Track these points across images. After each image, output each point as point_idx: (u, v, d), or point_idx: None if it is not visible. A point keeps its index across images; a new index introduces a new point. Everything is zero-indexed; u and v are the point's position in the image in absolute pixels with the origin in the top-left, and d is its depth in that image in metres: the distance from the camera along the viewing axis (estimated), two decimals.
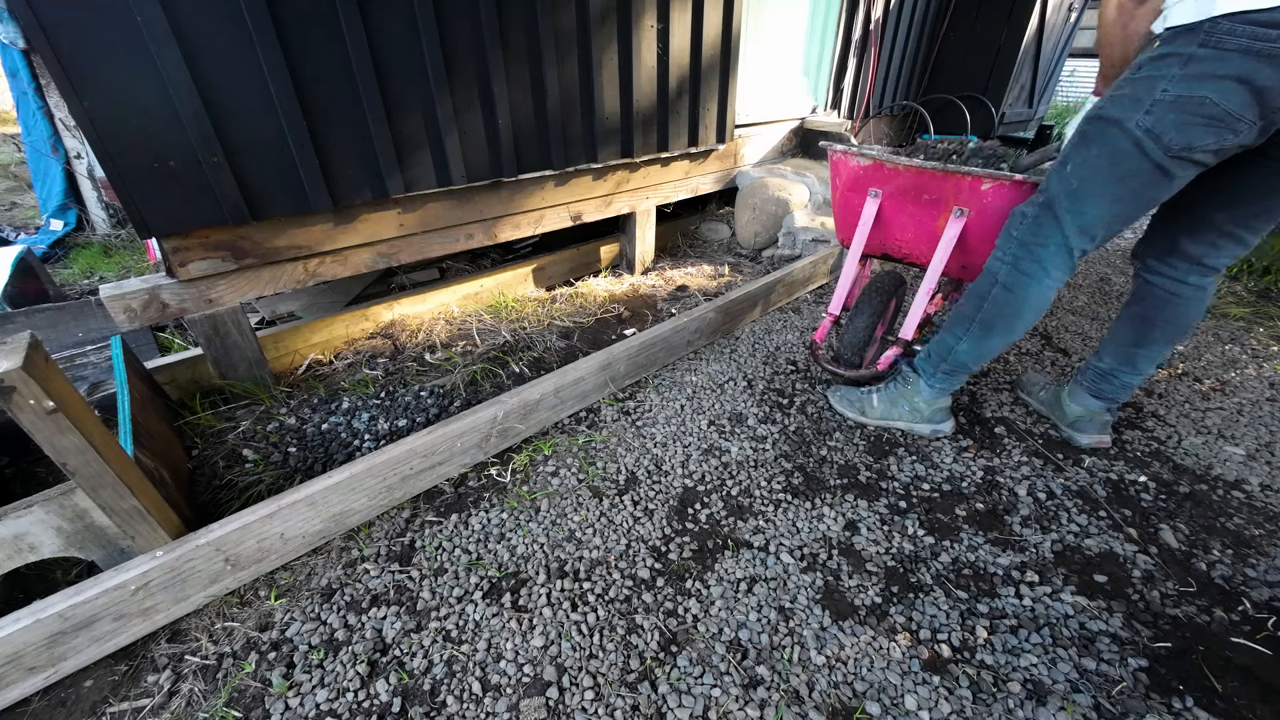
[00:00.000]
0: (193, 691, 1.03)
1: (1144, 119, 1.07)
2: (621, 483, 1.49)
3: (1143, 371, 1.49)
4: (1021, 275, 1.29)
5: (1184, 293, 1.36)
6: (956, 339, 1.43)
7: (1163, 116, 1.05)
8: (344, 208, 1.75)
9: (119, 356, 1.40)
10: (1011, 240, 1.31)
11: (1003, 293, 1.32)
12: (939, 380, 1.49)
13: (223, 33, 1.39)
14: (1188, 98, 1.02)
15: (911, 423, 1.56)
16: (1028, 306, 1.31)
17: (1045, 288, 1.28)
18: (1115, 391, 1.53)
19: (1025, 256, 1.28)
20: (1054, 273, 1.27)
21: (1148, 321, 1.42)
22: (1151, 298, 1.41)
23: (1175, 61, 1.02)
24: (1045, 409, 1.71)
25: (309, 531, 1.26)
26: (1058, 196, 1.22)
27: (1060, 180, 1.22)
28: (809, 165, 3.25)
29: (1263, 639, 1.09)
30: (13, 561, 1.06)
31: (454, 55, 1.77)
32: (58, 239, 3.28)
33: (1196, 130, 1.03)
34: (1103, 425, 1.57)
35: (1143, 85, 1.07)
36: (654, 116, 2.42)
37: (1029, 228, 1.28)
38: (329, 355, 2.02)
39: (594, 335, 2.20)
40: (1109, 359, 1.52)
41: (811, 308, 2.46)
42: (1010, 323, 1.34)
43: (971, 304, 1.40)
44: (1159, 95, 1.05)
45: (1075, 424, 1.59)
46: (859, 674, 1.04)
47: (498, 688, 1.03)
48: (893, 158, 1.57)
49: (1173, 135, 1.05)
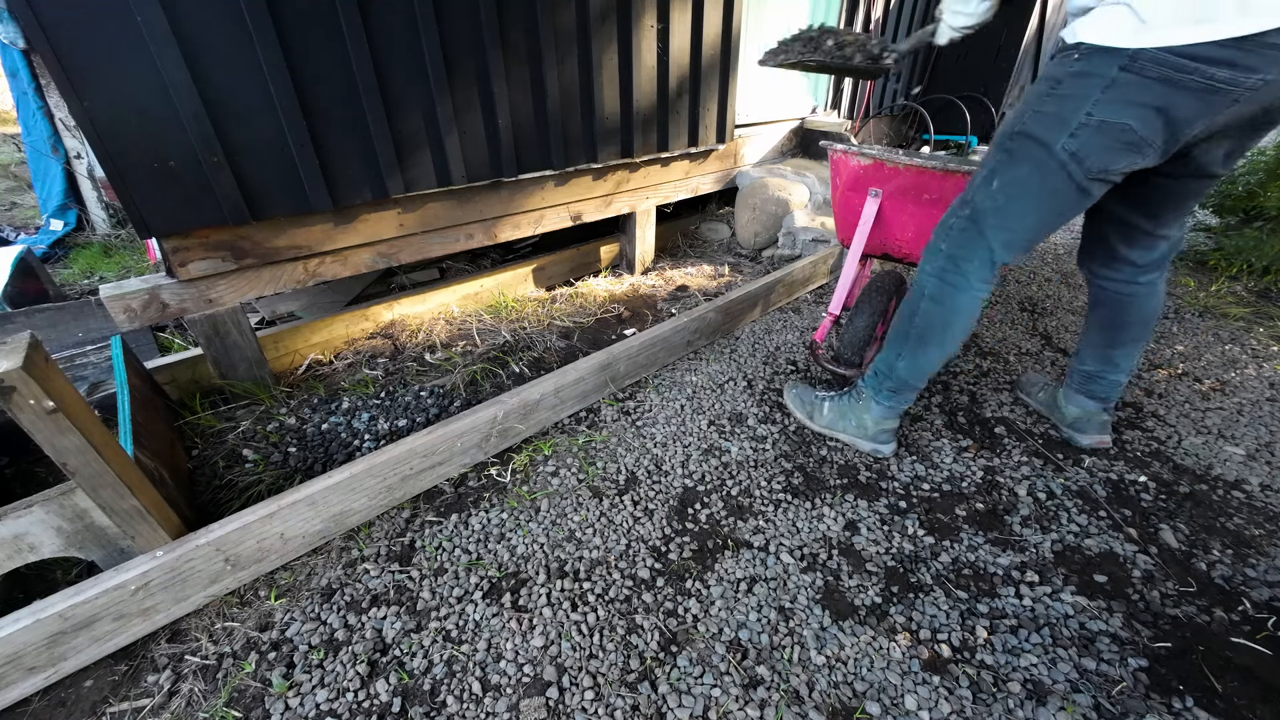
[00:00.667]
0: (193, 691, 1.03)
1: (1070, 142, 1.09)
2: (621, 483, 1.49)
3: (1125, 369, 1.52)
4: (948, 287, 1.31)
5: (1138, 292, 1.41)
6: (896, 355, 1.44)
7: (1088, 140, 1.07)
8: (344, 208, 1.75)
9: (119, 356, 1.40)
10: (939, 254, 1.33)
11: (931, 305, 1.34)
12: (885, 398, 1.50)
13: (223, 33, 1.39)
14: (1111, 124, 1.04)
15: (855, 437, 1.57)
16: (957, 316, 1.33)
17: (971, 298, 1.30)
18: (1105, 391, 1.55)
19: (951, 269, 1.31)
20: (977, 284, 1.29)
21: (1113, 324, 1.47)
22: (1110, 301, 1.46)
23: (1097, 84, 1.03)
24: (1045, 410, 1.73)
25: (309, 531, 1.26)
26: (984, 212, 1.24)
27: (987, 196, 1.23)
28: (809, 165, 3.25)
29: (1263, 639, 1.09)
30: (13, 561, 1.06)
31: (454, 55, 1.77)
32: (58, 239, 3.28)
33: (1114, 154, 1.07)
34: (1102, 425, 1.58)
35: (1068, 105, 1.07)
36: (654, 116, 2.42)
37: (955, 241, 1.30)
38: (329, 355, 2.02)
39: (594, 335, 2.20)
40: (1090, 362, 1.55)
41: (811, 308, 2.46)
42: (942, 334, 1.36)
43: (904, 320, 1.42)
44: (1083, 119, 1.06)
45: (1074, 424, 1.61)
46: (859, 674, 1.04)
47: (498, 688, 1.03)
48: (893, 157, 1.57)
49: (1094, 159, 1.08)
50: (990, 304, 2.46)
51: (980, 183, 1.25)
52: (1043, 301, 2.49)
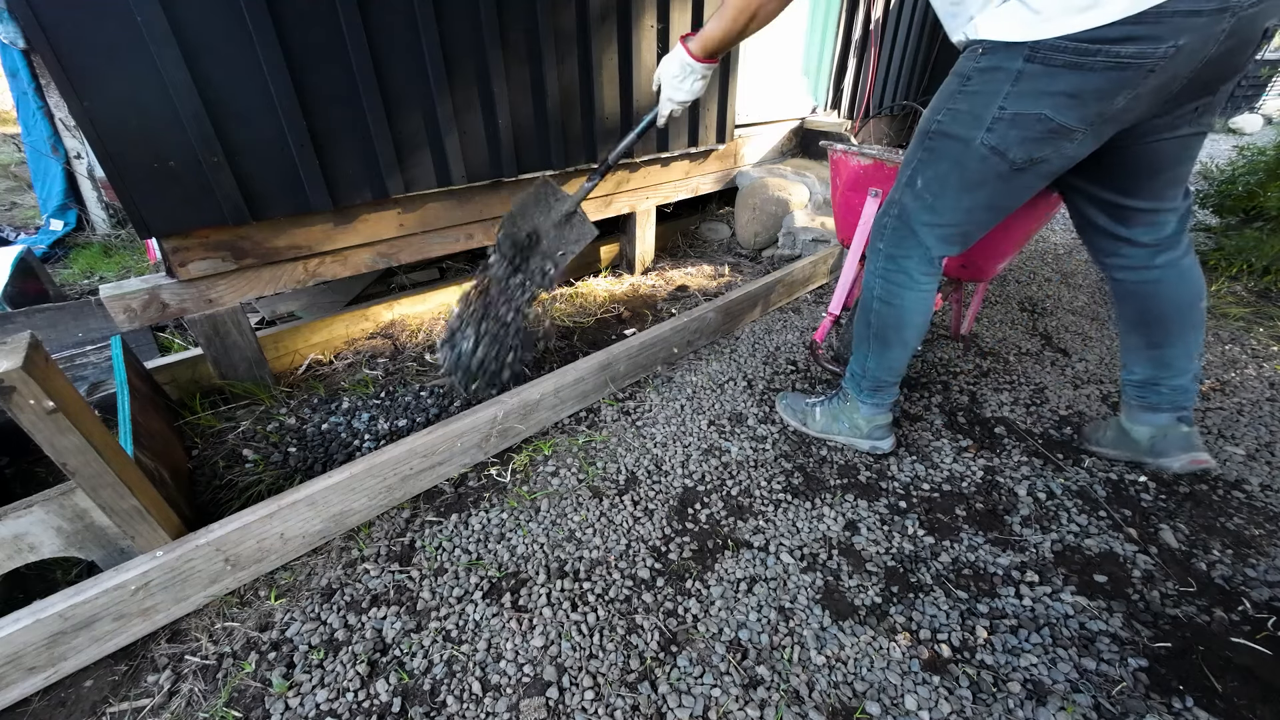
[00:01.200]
0: (193, 691, 1.03)
1: (987, 136, 1.09)
2: (621, 483, 1.49)
3: (1182, 369, 1.32)
4: (894, 286, 1.32)
5: (1160, 277, 1.28)
6: (864, 356, 1.45)
7: (1005, 133, 1.07)
8: (344, 208, 1.75)
9: (119, 356, 1.40)
10: (879, 254, 1.34)
11: (882, 307, 1.35)
12: (869, 397, 1.50)
13: (223, 32, 1.39)
14: (1025, 115, 1.03)
15: (851, 438, 1.56)
16: (909, 313, 1.33)
17: (918, 294, 1.31)
18: (1171, 398, 1.35)
19: (892, 269, 1.31)
20: (921, 280, 1.29)
21: (1146, 319, 1.33)
22: (1132, 294, 1.33)
23: (1005, 77, 1.03)
24: (1119, 450, 1.48)
25: (309, 531, 1.26)
26: (912, 210, 1.25)
27: (913, 195, 1.24)
28: (809, 165, 3.25)
29: (1263, 639, 1.09)
30: (13, 561, 1.06)
31: (454, 55, 1.77)
32: (58, 239, 3.28)
33: (1037, 144, 1.06)
34: (1185, 440, 1.34)
35: (979, 101, 1.08)
36: None
37: (890, 240, 1.31)
38: (329, 355, 2.02)
39: (594, 335, 2.20)
40: (1138, 369, 1.38)
41: (811, 308, 2.46)
42: (900, 332, 1.36)
43: (861, 323, 1.43)
44: (997, 113, 1.06)
45: (1154, 449, 1.38)
46: (859, 674, 1.04)
47: (498, 688, 1.03)
48: (893, 157, 1.57)
49: (1017, 150, 1.08)
50: (990, 304, 2.46)
51: (905, 182, 1.26)
52: (1043, 301, 2.49)
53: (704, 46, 1.37)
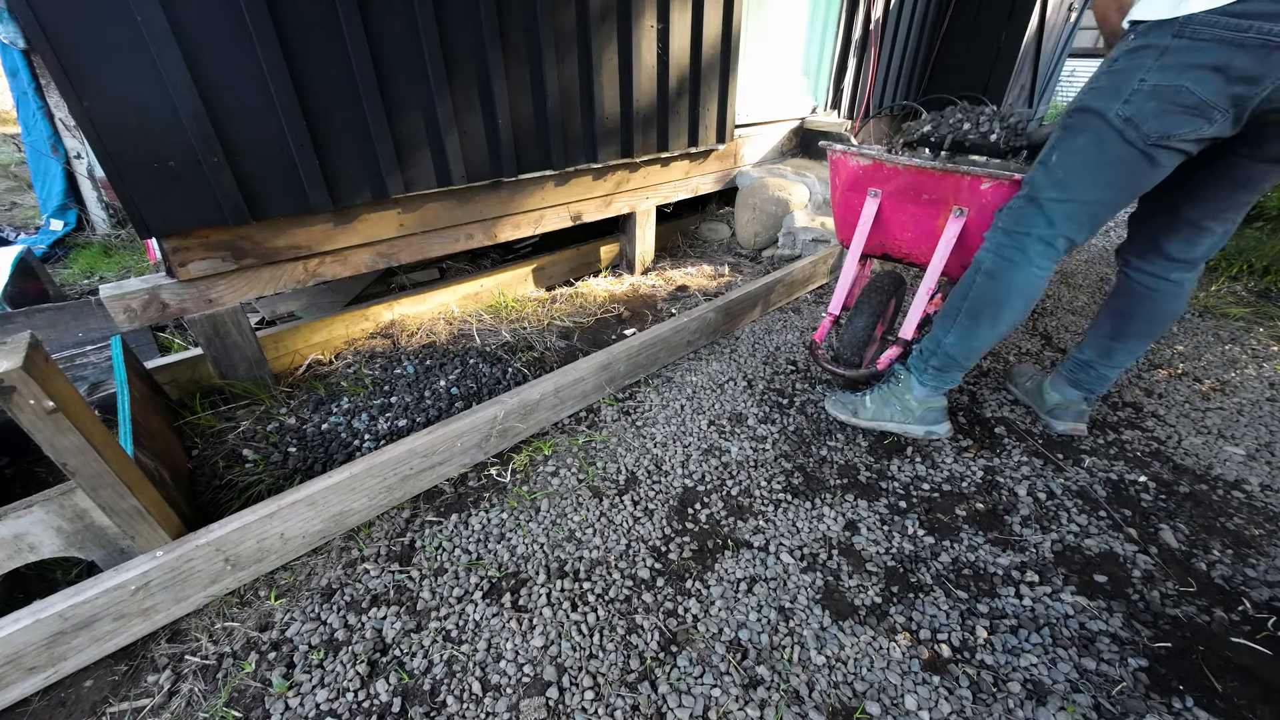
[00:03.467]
0: (193, 691, 1.03)
1: (1123, 108, 1.09)
2: (621, 483, 1.49)
3: (1119, 365, 1.54)
4: (1004, 261, 1.31)
5: (1163, 288, 1.40)
6: (945, 331, 1.43)
7: (1142, 105, 1.07)
8: (344, 208, 1.75)
9: (119, 356, 1.40)
10: (997, 230, 1.34)
11: (986, 280, 1.33)
12: (930, 376, 1.48)
13: (223, 33, 1.39)
14: (1165, 86, 1.04)
15: (904, 423, 1.54)
16: (1012, 293, 1.31)
17: (1029, 275, 1.29)
18: (1092, 382, 1.58)
19: (1008, 244, 1.30)
20: (1037, 260, 1.28)
21: (1125, 316, 1.47)
22: (1132, 293, 1.45)
23: (1151, 53, 1.05)
24: (1028, 398, 1.76)
25: (309, 531, 1.26)
26: (1042, 186, 1.25)
27: (1045, 172, 1.25)
28: (809, 165, 3.25)
29: (1263, 639, 1.09)
30: (13, 561, 1.06)
31: (454, 55, 1.77)
32: (58, 239, 3.28)
33: (1174, 118, 1.06)
34: (1078, 414, 1.62)
35: (1121, 77, 1.10)
36: (654, 116, 2.42)
37: (1012, 217, 1.30)
38: (329, 355, 2.02)
39: (594, 335, 2.20)
40: (1088, 350, 1.57)
41: (811, 308, 2.46)
42: (996, 311, 1.34)
43: (958, 295, 1.41)
44: (1137, 85, 1.07)
45: (1053, 411, 1.65)
46: (859, 674, 1.04)
47: (498, 688, 1.03)
48: (892, 157, 1.57)
49: (1152, 123, 1.08)
50: None
51: (1040, 160, 1.26)
52: (1043, 301, 2.49)
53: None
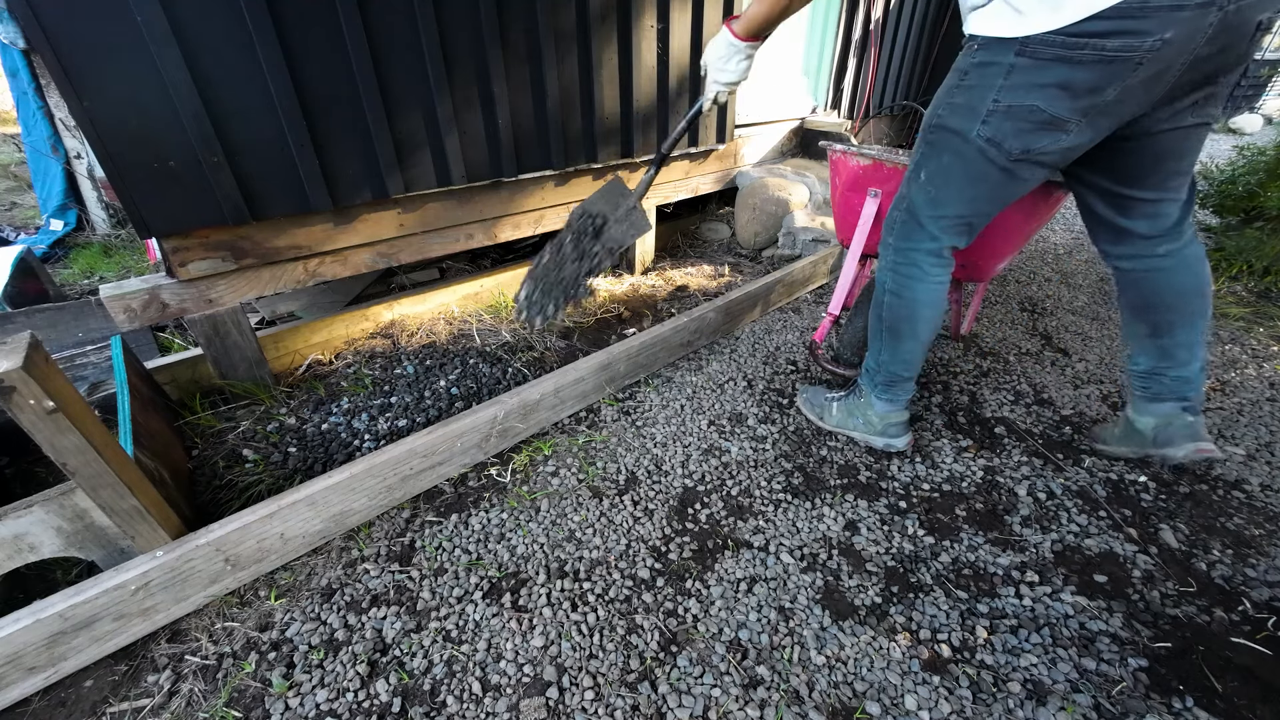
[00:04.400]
0: (193, 691, 1.03)
1: (983, 129, 1.12)
2: (621, 483, 1.49)
3: (1183, 361, 1.31)
4: (904, 279, 1.34)
5: (1160, 266, 1.28)
6: (877, 350, 1.47)
7: (1000, 125, 1.10)
8: (344, 207, 1.75)
9: (119, 356, 1.40)
10: (889, 248, 1.37)
11: (893, 299, 1.37)
12: (882, 393, 1.50)
13: (223, 32, 1.39)
14: (1018, 106, 1.06)
15: (866, 434, 1.57)
16: (920, 306, 1.34)
17: (930, 287, 1.32)
18: (1177, 389, 1.33)
19: (902, 261, 1.33)
20: (932, 271, 1.31)
21: (1147, 307, 1.33)
22: (1135, 283, 1.33)
23: (998, 71, 1.07)
24: (1128, 446, 1.46)
25: (309, 531, 1.26)
26: (918, 204, 1.28)
27: (917, 188, 1.27)
28: (809, 165, 3.25)
29: (1263, 639, 1.09)
30: (13, 561, 1.06)
31: (454, 55, 1.77)
32: (58, 239, 3.28)
33: (1031, 135, 1.08)
34: (1189, 429, 1.32)
35: (976, 95, 1.11)
36: (654, 116, 2.42)
37: (899, 234, 1.33)
38: (329, 355, 2.02)
39: (594, 335, 2.20)
40: (1142, 359, 1.38)
41: (811, 308, 2.46)
42: (911, 325, 1.37)
43: (874, 316, 1.44)
44: (992, 105, 1.09)
45: (1158, 440, 1.35)
46: (859, 674, 1.04)
47: (498, 688, 1.03)
48: (892, 157, 1.57)
49: (1012, 142, 1.10)
50: (990, 304, 2.46)
51: (910, 176, 1.30)
52: (1043, 301, 2.49)
53: (748, 27, 1.39)
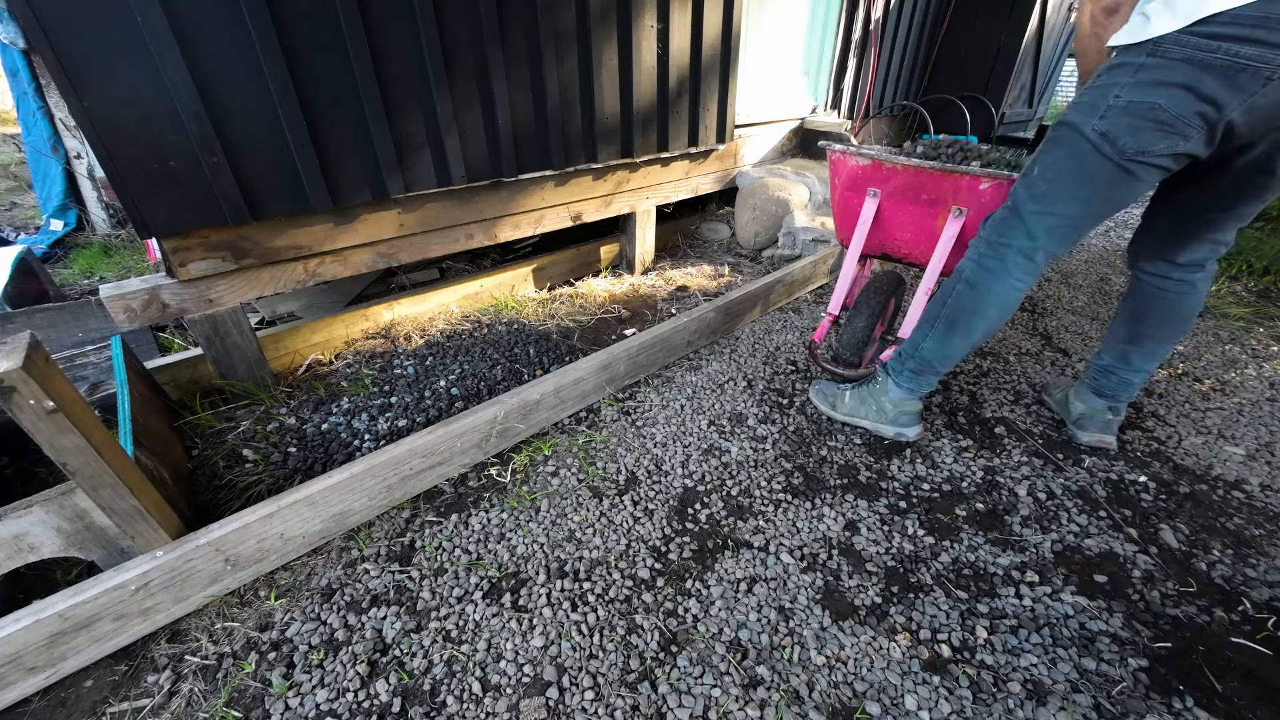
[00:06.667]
0: (193, 691, 1.03)
1: (1099, 123, 1.12)
2: (621, 483, 1.49)
3: (1138, 368, 1.50)
4: (984, 271, 1.33)
5: (1171, 288, 1.40)
6: (923, 335, 1.46)
7: (1117, 120, 1.10)
8: (344, 208, 1.75)
9: (119, 356, 1.40)
10: (980, 240, 1.36)
11: (965, 289, 1.35)
12: (905, 379, 1.50)
13: (223, 33, 1.39)
14: (1139, 103, 1.07)
15: (876, 422, 1.57)
16: (989, 304, 1.33)
17: (1008, 286, 1.31)
18: (1115, 389, 1.54)
19: (989, 254, 1.32)
20: (1016, 273, 1.30)
21: (1139, 317, 1.46)
22: (1142, 293, 1.45)
23: (1127, 70, 1.08)
24: (1058, 409, 1.73)
25: (309, 531, 1.26)
26: (1023, 199, 1.27)
27: (1026, 184, 1.27)
28: (809, 165, 3.25)
29: (1263, 639, 1.09)
30: (13, 561, 1.06)
31: (454, 55, 1.77)
32: (58, 239, 3.28)
33: (1149, 134, 1.08)
34: (1105, 424, 1.57)
35: (1099, 92, 1.13)
36: (654, 116, 2.42)
37: (995, 228, 1.32)
38: (329, 355, 2.02)
39: (594, 335, 2.20)
40: (1107, 355, 1.55)
41: (811, 308, 2.46)
42: (971, 320, 1.36)
43: (937, 301, 1.43)
44: (1112, 101, 1.10)
45: (1078, 421, 1.61)
46: (859, 674, 1.04)
47: (498, 688, 1.03)
48: (891, 157, 1.57)
49: (1127, 139, 1.10)
50: None
51: (1023, 173, 1.29)
52: (1043, 301, 2.49)
53: None
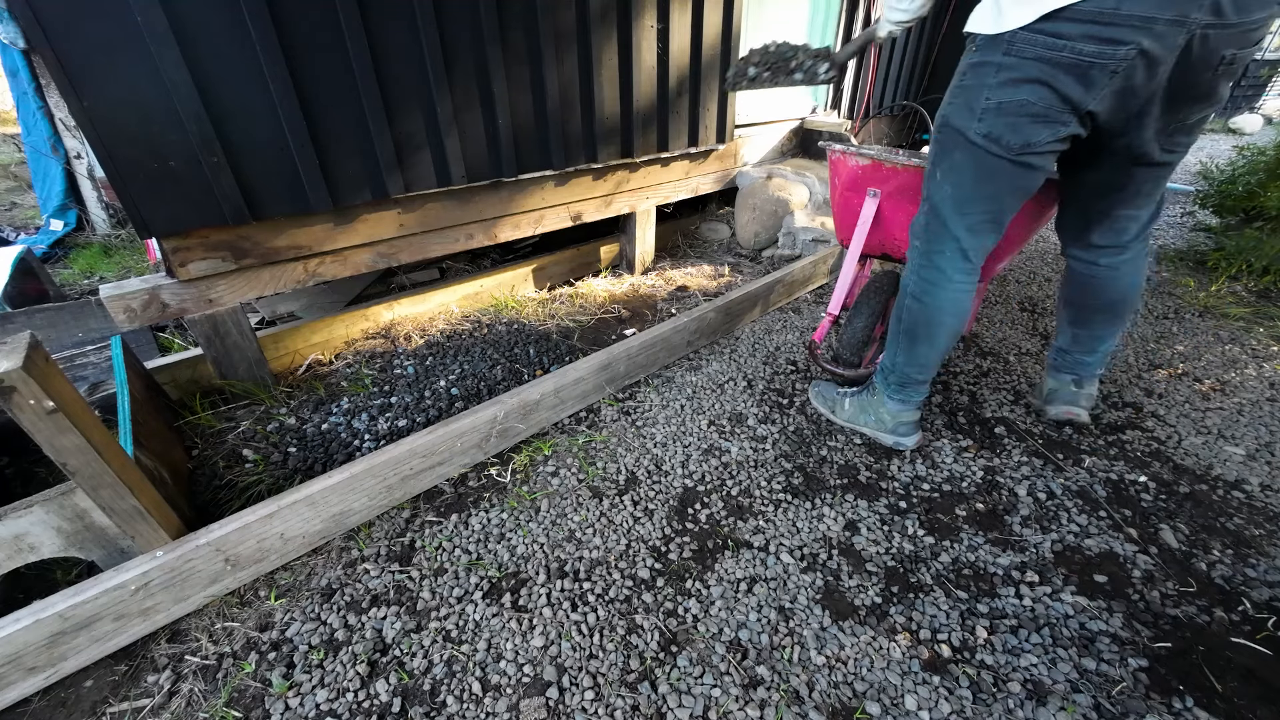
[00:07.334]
0: (193, 691, 1.03)
1: (979, 126, 1.15)
2: (621, 483, 1.49)
3: (1091, 351, 1.53)
4: (926, 284, 1.34)
5: (1099, 273, 1.43)
6: (893, 352, 1.48)
7: (994, 122, 1.13)
8: (344, 208, 1.75)
9: (119, 356, 1.40)
10: (915, 251, 1.37)
11: (914, 304, 1.37)
12: (894, 393, 1.51)
13: (223, 33, 1.39)
14: (1009, 102, 1.10)
15: (876, 431, 1.59)
16: (941, 311, 1.34)
17: (953, 291, 1.32)
18: (1074, 368, 1.58)
19: (926, 265, 1.34)
20: (955, 276, 1.31)
21: (1076, 303, 1.51)
22: (1074, 280, 1.49)
23: (990, 70, 1.11)
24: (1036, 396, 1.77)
25: (309, 531, 1.26)
26: (938, 204, 1.29)
27: (936, 188, 1.28)
28: (809, 165, 3.25)
29: (1263, 639, 1.09)
30: (13, 561, 1.06)
31: (454, 55, 1.77)
32: (58, 239, 3.28)
33: (1028, 128, 1.11)
34: (1071, 397, 1.59)
35: (971, 94, 1.16)
36: (654, 116, 2.42)
37: (925, 236, 1.34)
38: (329, 355, 2.02)
39: (594, 335, 2.20)
40: (1061, 338, 1.60)
41: (811, 308, 2.45)
42: (930, 329, 1.37)
43: (894, 319, 1.46)
44: (985, 104, 1.13)
45: (1047, 397, 1.64)
46: (859, 674, 1.04)
47: (498, 688, 1.03)
48: (891, 157, 1.57)
49: (1010, 136, 1.13)
50: (990, 304, 2.46)
51: (928, 177, 1.31)
52: (1043, 301, 2.49)
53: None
